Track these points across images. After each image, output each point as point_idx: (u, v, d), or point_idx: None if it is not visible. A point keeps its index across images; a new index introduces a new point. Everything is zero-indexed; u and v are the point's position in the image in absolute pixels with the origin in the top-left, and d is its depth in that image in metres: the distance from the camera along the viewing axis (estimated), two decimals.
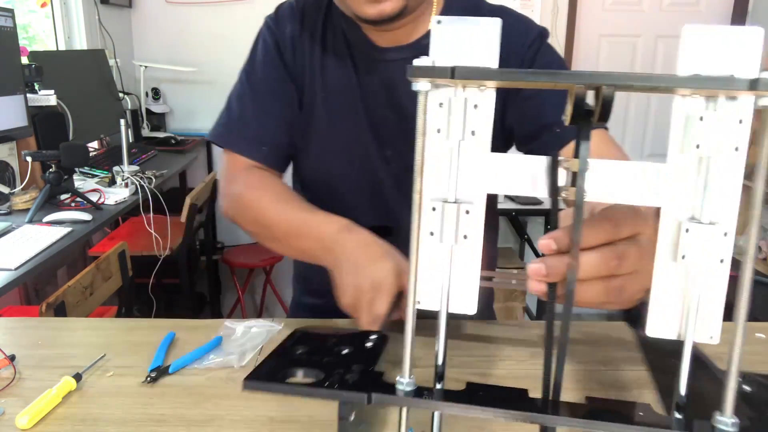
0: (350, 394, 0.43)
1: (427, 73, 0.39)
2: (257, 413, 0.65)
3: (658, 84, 0.37)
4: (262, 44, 0.92)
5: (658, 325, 0.40)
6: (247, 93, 0.92)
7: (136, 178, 2.13)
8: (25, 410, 0.62)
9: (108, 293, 1.65)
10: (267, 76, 0.91)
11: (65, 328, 0.88)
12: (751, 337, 0.85)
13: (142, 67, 3.01)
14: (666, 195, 0.39)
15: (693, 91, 0.37)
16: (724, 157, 0.38)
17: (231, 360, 0.75)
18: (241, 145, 0.91)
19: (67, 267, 2.48)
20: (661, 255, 0.40)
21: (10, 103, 1.91)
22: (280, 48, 0.90)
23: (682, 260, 0.38)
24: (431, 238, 0.43)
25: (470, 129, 0.41)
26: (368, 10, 0.76)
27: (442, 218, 0.42)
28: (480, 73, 0.38)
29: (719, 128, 0.37)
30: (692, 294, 0.39)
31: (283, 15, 0.92)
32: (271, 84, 0.91)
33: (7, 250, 1.48)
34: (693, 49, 0.37)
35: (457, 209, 0.42)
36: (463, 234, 0.42)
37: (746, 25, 2.77)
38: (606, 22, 3.19)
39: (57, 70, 2.29)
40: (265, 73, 0.91)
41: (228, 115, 0.93)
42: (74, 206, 1.87)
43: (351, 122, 0.90)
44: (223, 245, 3.29)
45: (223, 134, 0.93)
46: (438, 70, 0.39)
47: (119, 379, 0.72)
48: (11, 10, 1.93)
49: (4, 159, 1.96)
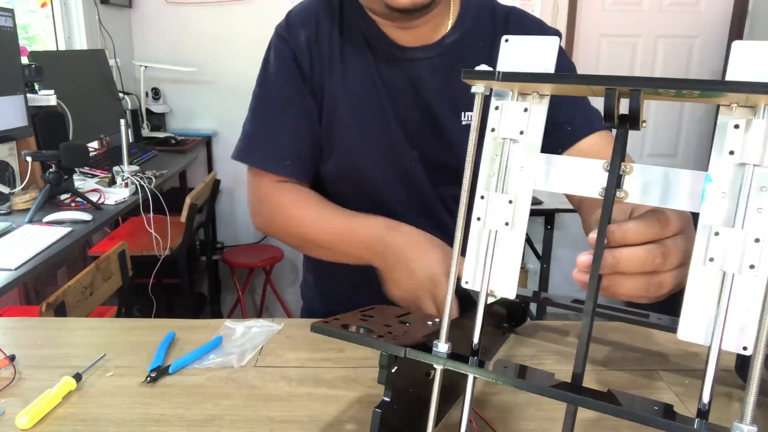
0: (389, 345, 0.50)
1: (479, 76, 0.45)
2: (257, 413, 0.65)
3: (695, 88, 0.38)
4: (276, 56, 0.90)
5: (688, 330, 0.40)
6: (264, 108, 0.91)
7: (136, 178, 2.13)
8: (25, 410, 0.62)
9: (108, 293, 1.65)
10: (282, 88, 0.90)
11: (65, 328, 0.88)
12: None
13: (142, 67, 3.01)
14: (706, 201, 0.40)
15: (731, 100, 0.39)
16: (760, 165, 0.38)
17: (231, 360, 0.75)
18: (264, 161, 0.90)
19: (67, 267, 2.48)
20: (695, 259, 0.40)
21: (10, 103, 1.91)
22: (297, 59, 0.88)
23: (710, 263, 0.39)
24: (477, 223, 0.48)
25: (519, 129, 0.47)
26: (401, 1, 0.75)
27: (487, 205, 0.47)
28: (523, 76, 0.45)
29: (755, 136, 0.38)
30: (722, 300, 0.39)
31: (294, 22, 0.89)
32: (288, 96, 0.89)
33: (7, 250, 1.48)
34: (740, 64, 0.38)
35: (502, 199, 0.47)
36: (505, 221, 0.46)
37: (746, 26, 2.75)
38: (606, 22, 3.19)
39: (57, 70, 2.29)
40: (280, 85, 0.90)
41: (247, 133, 0.92)
42: (74, 206, 1.87)
43: (377, 122, 0.89)
44: (223, 245, 3.29)
45: (244, 151, 0.92)
46: (487, 73, 0.45)
47: (119, 379, 0.72)
48: (11, 10, 1.93)
49: (4, 159, 1.96)
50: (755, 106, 0.39)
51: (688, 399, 0.69)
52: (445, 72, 0.86)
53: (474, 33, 0.87)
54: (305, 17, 0.89)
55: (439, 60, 0.86)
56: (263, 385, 0.71)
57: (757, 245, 0.37)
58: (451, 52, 0.87)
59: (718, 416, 0.65)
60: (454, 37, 0.87)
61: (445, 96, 0.87)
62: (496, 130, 0.47)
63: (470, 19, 0.88)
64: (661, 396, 0.69)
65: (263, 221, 0.93)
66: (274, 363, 0.76)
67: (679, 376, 0.73)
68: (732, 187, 0.39)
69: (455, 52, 0.87)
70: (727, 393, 0.69)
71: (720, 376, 0.73)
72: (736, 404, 0.67)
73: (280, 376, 0.73)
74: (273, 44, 0.91)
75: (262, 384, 0.71)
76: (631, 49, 3.22)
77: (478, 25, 0.88)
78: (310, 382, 0.71)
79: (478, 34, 0.87)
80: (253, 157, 0.91)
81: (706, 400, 0.39)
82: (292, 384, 0.71)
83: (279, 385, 0.71)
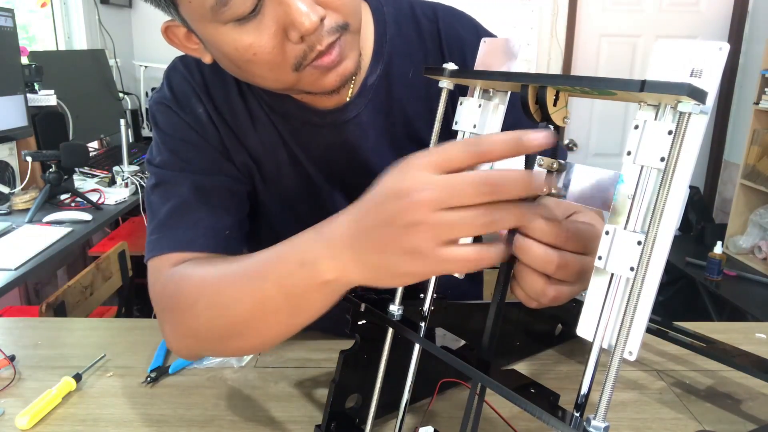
0: (353, 300, 0.56)
1: (432, 72, 0.49)
2: (257, 413, 0.65)
3: (585, 85, 0.39)
4: (169, 131, 0.70)
5: (584, 327, 0.41)
6: (175, 187, 0.68)
7: (136, 178, 2.13)
8: (25, 410, 0.62)
9: (108, 293, 1.65)
10: (191, 156, 0.69)
11: (65, 328, 0.88)
12: (751, 337, 0.85)
13: (142, 67, 3.01)
14: (616, 202, 0.41)
15: (639, 99, 0.38)
16: (652, 167, 0.38)
17: (231, 360, 0.75)
18: (184, 238, 0.65)
19: (67, 267, 2.48)
20: (597, 259, 0.40)
21: (10, 103, 1.91)
22: (198, 131, 0.70)
23: (599, 261, 0.39)
24: None
25: (473, 123, 0.49)
26: (327, 82, 0.59)
27: None
28: (459, 72, 0.48)
29: (649, 137, 0.38)
30: (608, 300, 0.40)
31: (184, 93, 0.70)
32: (202, 163, 0.69)
33: (7, 250, 1.48)
34: (660, 63, 0.38)
35: None
36: None
37: (746, 26, 2.76)
38: (606, 22, 3.19)
39: (57, 70, 2.29)
40: (186, 153, 0.69)
41: (158, 222, 0.67)
42: (74, 206, 1.87)
43: (305, 204, 0.74)
44: None
45: (157, 244, 0.66)
46: (438, 70, 0.48)
47: (119, 379, 0.72)
48: (11, 10, 1.93)
49: (4, 159, 1.96)
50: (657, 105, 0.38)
51: (688, 399, 0.69)
52: (380, 119, 0.71)
53: (400, 52, 0.71)
54: (194, 88, 0.71)
55: (367, 113, 0.70)
56: (263, 385, 0.71)
57: (638, 248, 0.37)
58: (380, 91, 0.71)
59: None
60: (378, 71, 0.70)
61: (387, 147, 0.72)
62: (458, 123, 0.50)
63: (390, 40, 0.71)
64: (661, 396, 0.69)
65: (172, 327, 0.61)
66: (274, 363, 0.76)
67: (679, 376, 0.74)
68: (629, 187, 0.39)
69: (384, 87, 0.71)
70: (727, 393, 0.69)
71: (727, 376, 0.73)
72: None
73: (280, 376, 0.73)
74: (160, 123, 0.71)
75: (262, 384, 0.71)
76: (631, 49, 3.22)
77: (402, 41, 0.71)
78: (310, 382, 0.71)
79: (406, 51, 0.72)
80: (168, 243, 0.65)
81: (584, 392, 0.39)
82: (292, 384, 0.71)
83: (279, 385, 0.71)
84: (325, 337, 0.80)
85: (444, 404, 0.66)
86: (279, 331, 0.55)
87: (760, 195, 2.75)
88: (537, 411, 0.40)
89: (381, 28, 0.71)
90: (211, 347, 0.61)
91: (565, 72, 3.16)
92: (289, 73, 0.57)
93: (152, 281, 0.65)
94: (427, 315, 0.52)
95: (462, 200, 0.38)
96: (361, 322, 0.57)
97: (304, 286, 0.48)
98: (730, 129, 3.25)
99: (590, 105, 3.26)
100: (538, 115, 0.43)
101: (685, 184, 0.36)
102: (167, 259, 0.64)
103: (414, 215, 0.39)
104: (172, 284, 0.61)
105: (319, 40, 0.55)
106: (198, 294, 0.57)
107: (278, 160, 0.72)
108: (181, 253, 0.64)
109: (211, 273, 0.58)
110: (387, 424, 0.62)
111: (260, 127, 0.71)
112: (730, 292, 2.51)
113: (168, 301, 0.61)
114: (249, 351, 0.63)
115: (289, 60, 0.56)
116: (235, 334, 0.56)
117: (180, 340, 0.61)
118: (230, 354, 0.64)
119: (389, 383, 0.55)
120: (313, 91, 0.61)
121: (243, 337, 0.56)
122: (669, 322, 0.73)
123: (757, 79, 2.73)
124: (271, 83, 0.60)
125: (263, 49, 0.54)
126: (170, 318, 0.61)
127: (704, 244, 2.84)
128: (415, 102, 0.71)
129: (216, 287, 0.57)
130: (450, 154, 0.40)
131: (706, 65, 0.36)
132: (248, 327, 0.55)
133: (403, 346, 0.54)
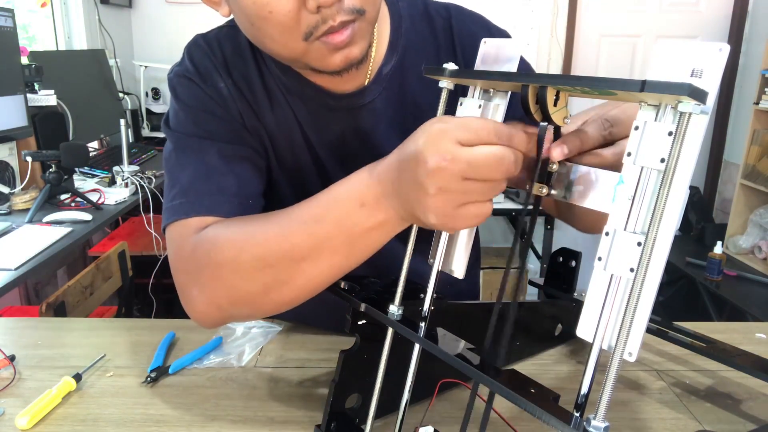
0: (352, 299, 0.57)
1: (436, 72, 0.51)
2: (257, 413, 0.65)
3: (578, 85, 0.40)
4: (192, 102, 0.70)
5: (584, 327, 0.41)
6: (197, 154, 0.69)
7: (136, 178, 2.13)
8: (25, 410, 0.62)
9: (108, 293, 1.65)
10: (214, 128, 0.70)
11: (65, 328, 0.88)
12: (751, 337, 0.85)
13: (142, 67, 3.01)
14: (614, 203, 0.41)
15: (639, 99, 0.38)
16: (653, 168, 0.38)
17: (231, 360, 0.75)
18: (210, 203, 0.65)
19: (67, 267, 2.48)
20: (597, 260, 0.40)
21: (10, 103, 1.91)
22: (220, 103, 0.71)
23: (598, 262, 0.39)
24: None
25: None
26: (333, 61, 0.60)
27: None
28: (460, 72, 0.50)
29: (649, 138, 0.38)
30: (608, 301, 0.40)
31: (205, 68, 0.71)
32: (226, 134, 0.70)
33: (7, 250, 1.48)
34: (661, 63, 0.38)
35: None
36: None
37: (746, 26, 2.76)
38: (606, 22, 3.19)
39: (57, 70, 2.29)
40: (209, 125, 0.70)
41: (181, 187, 0.67)
42: (74, 206, 1.87)
43: (315, 187, 0.66)
44: None
45: (180, 208, 0.65)
46: (439, 70, 0.50)
47: (119, 379, 0.72)
48: (11, 10, 1.93)
49: (4, 159, 1.95)
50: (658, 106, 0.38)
51: (688, 399, 0.69)
52: (393, 109, 0.73)
53: (414, 46, 0.74)
54: (214, 63, 0.72)
55: (381, 100, 0.73)
56: (263, 385, 0.71)
57: (638, 249, 0.37)
58: (393, 82, 0.73)
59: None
60: (393, 62, 0.73)
61: (397, 137, 0.69)
62: None
63: (405, 33, 0.74)
64: (661, 396, 0.69)
65: (202, 289, 0.61)
66: (274, 363, 0.76)
67: (679, 376, 0.74)
68: (630, 188, 0.39)
69: (398, 78, 0.73)
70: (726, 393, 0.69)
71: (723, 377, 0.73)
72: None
73: (280, 376, 0.73)
74: (180, 95, 0.71)
75: (262, 384, 0.71)
76: (631, 49, 3.21)
77: (416, 36, 0.75)
78: (310, 382, 0.71)
79: (420, 45, 0.74)
80: (193, 207, 0.65)
81: (584, 392, 0.39)
82: (292, 384, 0.71)
83: (279, 385, 0.71)
84: (326, 337, 0.80)
85: (444, 404, 0.66)
86: (330, 275, 0.57)
87: (760, 195, 2.75)
88: (537, 411, 0.40)
89: (396, 22, 0.74)
90: (249, 303, 0.60)
91: (565, 72, 3.16)
92: (299, 42, 0.58)
93: (177, 245, 0.65)
94: (427, 315, 0.52)
95: (483, 176, 0.45)
96: (361, 322, 0.57)
97: (365, 225, 0.53)
98: (730, 129, 3.24)
99: (590, 105, 3.26)
100: (539, 115, 0.44)
101: (686, 184, 0.36)
102: (192, 223, 0.64)
103: (440, 182, 0.45)
104: (206, 243, 0.61)
105: (333, 15, 0.56)
106: (240, 247, 0.58)
107: (292, 141, 0.74)
108: (206, 218, 0.64)
109: (251, 225, 0.60)
110: (387, 424, 0.62)
111: (276, 106, 0.73)
112: (730, 292, 2.51)
113: (201, 260, 0.60)
114: (288, 304, 0.60)
115: (301, 27, 0.57)
116: (280, 282, 0.57)
117: (210, 303, 0.60)
118: (264, 312, 0.62)
119: (389, 383, 0.55)
120: (318, 68, 0.62)
121: (288, 286, 0.57)
122: (669, 322, 0.73)
123: (757, 79, 2.73)
124: (280, 48, 0.61)
125: (280, 10, 0.56)
126: (201, 279, 0.60)
127: (704, 244, 2.84)
128: (427, 95, 0.73)
129: (262, 236, 0.57)
130: (480, 136, 0.45)
131: (707, 66, 0.36)
132: (298, 272, 0.56)
133: (403, 346, 0.54)
